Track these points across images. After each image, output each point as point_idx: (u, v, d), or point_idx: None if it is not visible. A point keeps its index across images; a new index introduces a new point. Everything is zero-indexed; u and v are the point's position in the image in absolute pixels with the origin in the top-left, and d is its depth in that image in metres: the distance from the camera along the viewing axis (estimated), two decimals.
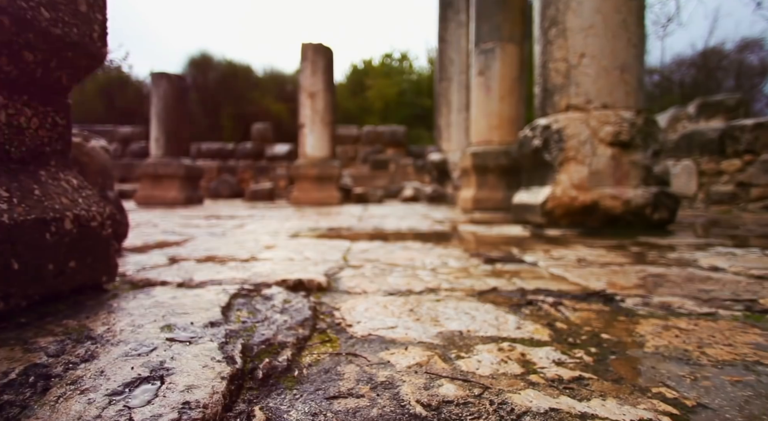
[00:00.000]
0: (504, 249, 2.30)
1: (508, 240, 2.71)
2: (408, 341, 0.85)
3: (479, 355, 0.80)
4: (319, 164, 8.25)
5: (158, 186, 8.11)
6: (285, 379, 0.68)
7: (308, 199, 8.18)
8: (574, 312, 1.12)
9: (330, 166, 8.30)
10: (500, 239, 2.79)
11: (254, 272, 1.44)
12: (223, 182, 12.02)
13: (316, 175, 8.22)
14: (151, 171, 8.07)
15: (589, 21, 3.15)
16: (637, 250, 2.25)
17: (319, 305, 1.10)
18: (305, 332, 0.88)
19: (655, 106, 13.68)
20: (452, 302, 1.15)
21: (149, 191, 8.11)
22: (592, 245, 2.42)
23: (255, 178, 12.58)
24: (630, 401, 0.64)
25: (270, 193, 10.79)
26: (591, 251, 2.19)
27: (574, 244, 2.49)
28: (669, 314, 1.10)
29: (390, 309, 1.06)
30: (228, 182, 12.03)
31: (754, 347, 0.87)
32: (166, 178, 8.10)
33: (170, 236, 2.65)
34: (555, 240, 2.69)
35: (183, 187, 8.19)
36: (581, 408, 0.60)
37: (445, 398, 0.62)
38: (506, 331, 0.95)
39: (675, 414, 0.61)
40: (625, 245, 2.45)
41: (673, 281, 1.45)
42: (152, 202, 7.93)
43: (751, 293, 1.24)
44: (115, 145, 12.94)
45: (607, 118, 3.13)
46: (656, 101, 15.20)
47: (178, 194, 8.04)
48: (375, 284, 1.36)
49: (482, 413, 0.58)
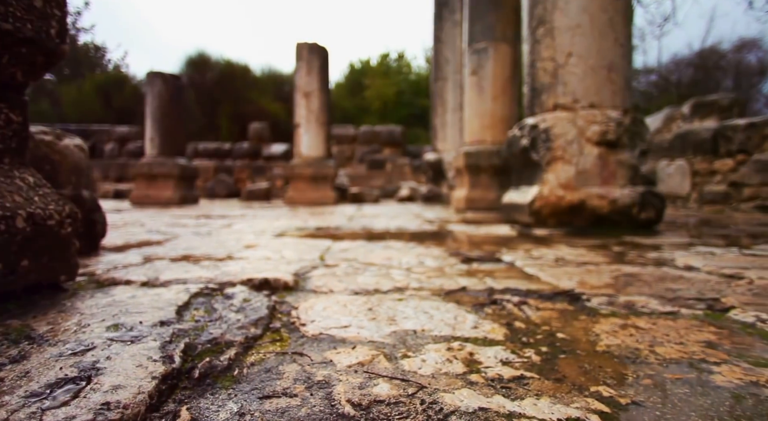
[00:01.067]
0: (486, 249, 2.30)
1: (493, 240, 2.71)
2: (358, 340, 0.85)
3: (426, 354, 0.79)
4: (314, 164, 8.25)
5: (153, 186, 8.11)
6: (223, 378, 0.68)
7: (303, 199, 8.17)
8: (536, 311, 1.12)
9: (325, 166, 8.30)
10: (486, 238, 2.79)
11: (224, 271, 1.44)
12: (219, 182, 12.01)
13: (311, 175, 8.21)
14: (146, 171, 8.07)
15: (576, 20, 3.15)
16: (619, 249, 2.25)
17: (280, 304, 1.10)
18: (257, 331, 0.88)
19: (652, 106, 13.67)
20: (414, 302, 1.14)
21: (144, 191, 8.11)
22: (575, 245, 2.42)
23: (252, 178, 12.58)
24: (564, 400, 0.64)
25: (266, 192, 10.78)
26: (572, 251, 2.19)
27: (557, 243, 2.49)
28: (631, 313, 1.10)
29: (349, 308, 1.05)
30: (225, 182, 12.02)
31: (704, 345, 0.87)
32: (161, 177, 8.10)
33: (154, 235, 2.65)
34: (540, 240, 2.69)
35: (178, 187, 8.19)
36: (511, 408, 0.60)
37: (377, 398, 0.62)
38: (462, 330, 0.94)
39: (606, 412, 0.61)
40: (609, 244, 2.45)
41: (644, 281, 1.45)
42: (147, 202, 7.93)
43: (715, 292, 1.24)
44: (112, 145, 12.93)
45: (594, 117, 3.13)
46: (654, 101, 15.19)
47: (173, 194, 8.04)
48: (343, 283, 1.36)
49: (411, 413, 0.58)
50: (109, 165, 12.23)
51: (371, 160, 13.08)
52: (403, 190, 10.46)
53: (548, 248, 2.27)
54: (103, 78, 17.70)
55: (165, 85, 8.22)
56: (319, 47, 8.35)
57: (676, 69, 15.66)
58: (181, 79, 8.61)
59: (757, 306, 1.07)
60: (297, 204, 8.00)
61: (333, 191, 8.43)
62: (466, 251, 2.20)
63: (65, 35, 0.99)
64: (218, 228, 3.24)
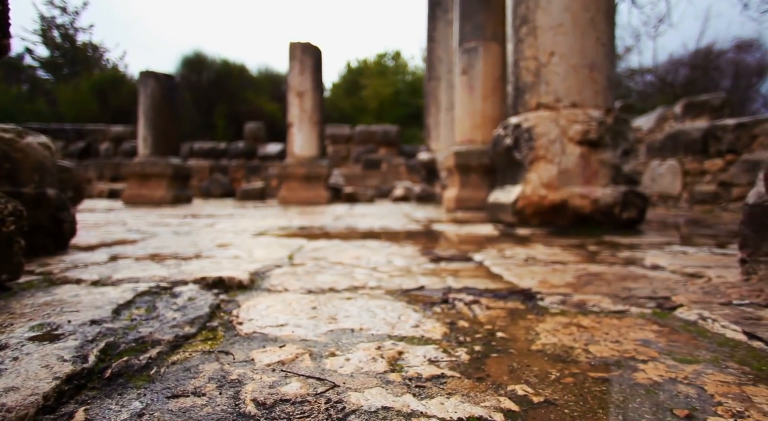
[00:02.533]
0: (462, 248, 2.29)
1: (472, 239, 2.70)
2: (290, 339, 0.85)
3: (353, 353, 0.79)
4: (307, 164, 8.24)
5: (145, 185, 8.10)
6: (138, 378, 0.67)
7: (296, 198, 8.17)
8: (486, 310, 1.11)
9: (318, 166, 8.29)
10: (466, 238, 2.78)
11: (183, 269, 1.43)
12: (214, 182, 12.00)
13: (303, 175, 8.21)
14: (138, 170, 8.06)
15: (558, 19, 3.14)
16: (594, 249, 2.25)
17: (227, 302, 1.09)
18: (192, 329, 0.88)
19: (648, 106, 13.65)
20: (363, 301, 1.14)
21: (137, 190, 8.10)
22: (551, 244, 2.41)
23: (247, 177, 12.57)
24: (476, 399, 0.63)
25: (261, 192, 10.77)
26: (547, 250, 2.18)
27: (535, 243, 2.48)
28: (579, 312, 1.09)
29: (293, 307, 1.05)
30: (219, 182, 12.02)
31: (640, 344, 0.87)
32: (154, 177, 8.09)
33: (133, 234, 2.64)
34: (520, 239, 2.69)
35: (171, 187, 8.18)
36: (415, 406, 0.60)
37: (284, 397, 0.61)
38: (401, 329, 0.94)
39: (513, 411, 0.60)
40: (586, 243, 2.44)
41: (605, 280, 1.44)
42: (139, 202, 7.92)
43: (669, 291, 1.24)
44: (107, 145, 12.93)
45: (576, 116, 3.13)
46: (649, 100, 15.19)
47: (166, 193, 8.04)
48: (301, 282, 1.35)
49: (313, 412, 0.58)
50: (104, 164, 12.22)
51: (367, 160, 13.08)
52: (397, 190, 10.46)
53: (524, 248, 2.27)
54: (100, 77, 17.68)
55: (158, 85, 8.21)
56: (312, 47, 8.35)
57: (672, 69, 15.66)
58: (174, 78, 8.60)
59: (703, 304, 1.07)
60: (290, 204, 7.99)
61: (326, 191, 8.42)
62: (440, 250, 2.20)
63: (7, 29, 0.99)
64: (200, 227, 3.23)
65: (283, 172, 8.30)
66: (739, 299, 1.10)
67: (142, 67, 8.52)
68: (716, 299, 1.11)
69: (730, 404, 0.63)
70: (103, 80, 17.23)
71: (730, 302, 1.08)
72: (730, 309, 1.02)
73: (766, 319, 0.94)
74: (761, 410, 0.61)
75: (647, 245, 2.38)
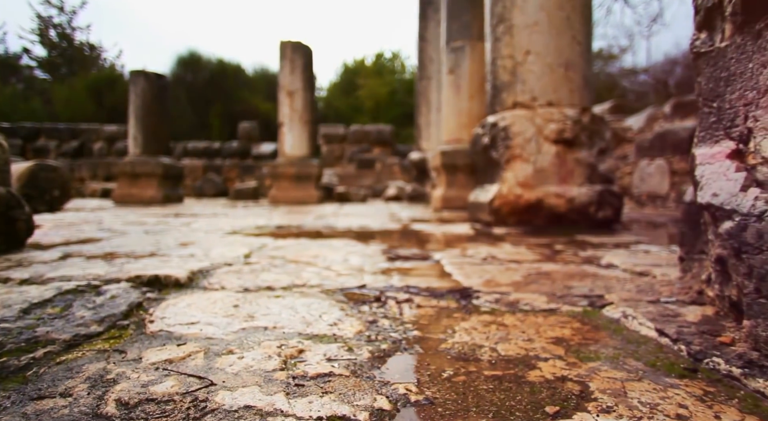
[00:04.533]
0: (429, 247, 2.29)
1: (443, 238, 2.69)
2: (194, 337, 0.84)
3: (251, 352, 0.78)
4: (297, 163, 8.23)
5: (136, 184, 8.09)
6: (11, 379, 0.66)
7: (286, 198, 8.15)
8: (416, 309, 1.10)
9: (309, 165, 8.28)
10: (439, 237, 2.77)
11: (127, 267, 1.42)
12: (208, 181, 11.99)
13: (294, 174, 8.19)
14: (128, 169, 8.05)
15: (534, 18, 3.13)
16: (561, 247, 2.24)
17: (153, 300, 1.08)
18: (99, 328, 0.87)
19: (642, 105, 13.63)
20: (293, 299, 1.13)
21: (127, 190, 8.09)
22: (520, 243, 2.40)
23: (240, 177, 12.56)
24: (349, 398, 0.62)
25: (254, 192, 10.76)
26: (512, 249, 2.17)
27: (504, 242, 2.47)
28: (509, 310, 1.08)
29: (217, 305, 1.04)
30: (213, 181, 12.00)
31: (552, 342, 0.86)
32: (144, 176, 8.08)
33: (102, 233, 2.63)
34: (492, 238, 2.68)
35: (161, 186, 8.17)
36: (280, 405, 0.59)
37: (151, 397, 0.60)
38: (316, 328, 0.93)
39: (384, 410, 0.59)
40: (555, 242, 2.43)
41: (552, 278, 1.43)
42: (130, 201, 7.91)
43: (606, 289, 1.23)
44: (101, 144, 12.91)
45: (551, 115, 3.11)
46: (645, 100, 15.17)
47: (156, 193, 8.02)
48: (242, 280, 1.34)
49: (173, 412, 0.57)
50: (98, 164, 12.21)
51: (360, 159, 13.06)
52: (390, 190, 10.44)
53: (490, 247, 2.26)
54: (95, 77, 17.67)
55: (148, 84, 8.20)
56: (303, 46, 8.33)
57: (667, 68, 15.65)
58: (165, 78, 8.59)
59: (632, 302, 1.06)
60: (280, 203, 7.98)
61: (317, 190, 8.41)
62: (404, 249, 2.19)
63: None
64: (175, 226, 3.22)
65: (274, 171, 8.29)
66: (668, 296, 1.09)
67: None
68: (646, 297, 1.10)
69: (603, 400, 0.62)
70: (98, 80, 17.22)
71: (658, 300, 1.07)
72: (654, 306, 1.01)
73: (683, 315, 0.93)
74: (630, 405, 0.60)
75: (615, 244, 2.37)
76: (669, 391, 0.65)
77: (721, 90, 0.87)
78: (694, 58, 0.96)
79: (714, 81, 0.89)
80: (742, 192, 0.75)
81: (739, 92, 0.82)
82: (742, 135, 0.81)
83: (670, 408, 0.60)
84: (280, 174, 8.21)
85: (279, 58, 8.36)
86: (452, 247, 2.28)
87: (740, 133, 0.81)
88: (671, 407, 0.60)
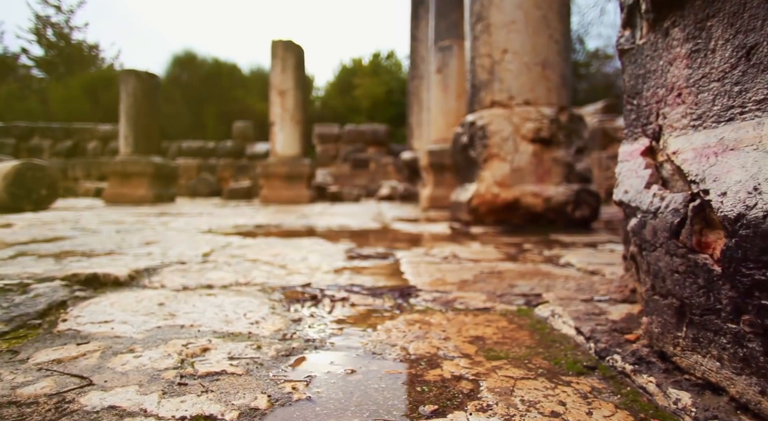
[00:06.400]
0: (396, 246, 2.27)
1: (415, 238, 2.68)
2: (102, 336, 0.83)
3: (153, 350, 0.77)
4: (288, 163, 8.22)
5: (127, 184, 8.07)
6: None
7: (278, 197, 8.14)
8: (349, 308, 1.09)
9: (300, 165, 8.27)
10: (413, 236, 2.76)
11: (70, 266, 1.41)
12: (201, 181, 11.98)
13: (285, 174, 8.18)
14: (119, 169, 8.04)
15: (511, 16, 3.12)
16: (529, 247, 2.23)
17: (82, 299, 1.07)
18: (5, 328, 0.86)
19: None
20: (225, 297, 1.12)
21: (118, 189, 8.08)
22: (490, 243, 2.39)
23: (235, 176, 12.56)
24: (226, 397, 0.61)
25: (248, 191, 10.75)
26: (480, 248, 2.16)
27: (475, 241, 2.46)
28: (441, 309, 1.07)
29: (143, 304, 1.03)
30: (207, 181, 11.99)
31: (468, 341, 0.85)
32: (135, 176, 8.07)
33: (73, 232, 2.62)
34: (466, 237, 2.67)
35: (152, 186, 8.15)
36: (147, 406, 0.57)
37: (15, 399, 0.59)
38: (234, 326, 0.92)
39: (258, 409, 0.58)
40: (525, 242, 2.42)
41: (502, 277, 1.42)
42: (120, 201, 7.90)
43: (546, 288, 1.22)
44: (95, 143, 12.90)
45: (529, 114, 3.10)
46: None
47: (147, 192, 8.01)
48: (186, 279, 1.33)
49: (32, 415, 0.55)
50: (92, 163, 12.21)
51: (355, 159, 13.05)
52: (383, 190, 10.43)
53: (458, 246, 2.25)
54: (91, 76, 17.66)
55: (140, 83, 8.19)
56: (294, 45, 8.32)
57: None
58: (156, 77, 8.58)
59: (566, 300, 1.05)
60: (271, 203, 7.97)
61: (308, 190, 8.40)
62: (369, 248, 2.18)
63: None
64: (152, 225, 3.21)
65: (265, 171, 8.28)
66: (603, 294, 1.08)
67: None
68: (582, 296, 1.09)
69: (487, 399, 0.61)
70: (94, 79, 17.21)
71: (591, 298, 1.06)
72: (585, 305, 1.00)
73: (608, 314, 0.92)
74: (510, 403, 0.59)
75: (586, 243, 2.36)
76: (558, 389, 0.64)
77: (640, 87, 0.86)
78: (619, 56, 0.95)
79: (634, 78, 0.88)
80: (646, 189, 0.74)
81: (652, 90, 0.81)
82: (655, 132, 0.80)
83: (548, 406, 0.59)
84: (271, 173, 8.20)
85: (270, 57, 8.34)
86: (420, 246, 2.27)
87: (653, 130, 0.80)
88: (550, 404, 0.59)
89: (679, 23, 0.74)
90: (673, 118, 0.75)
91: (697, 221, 0.60)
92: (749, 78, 0.59)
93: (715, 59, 0.65)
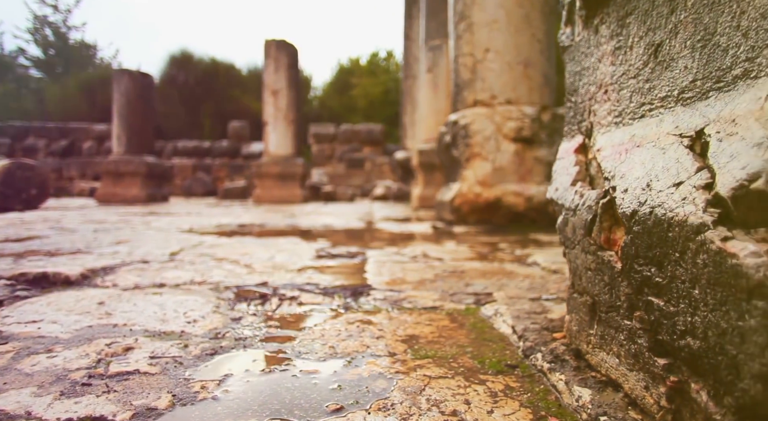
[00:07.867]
0: (371, 245, 2.26)
1: (392, 237, 2.67)
2: (25, 336, 0.82)
3: (73, 350, 0.76)
4: (281, 162, 8.20)
5: (119, 183, 8.06)
6: None
7: (270, 197, 8.13)
8: (296, 307, 1.08)
9: (293, 164, 8.26)
10: (392, 236, 2.75)
11: (24, 265, 1.40)
12: (197, 180, 11.97)
13: (278, 174, 8.17)
14: (112, 168, 8.02)
15: (493, 15, 3.11)
16: (504, 246, 2.21)
17: (19, 299, 1.06)
18: None
19: None
20: (170, 295, 1.11)
21: (111, 189, 8.06)
22: (465, 242, 2.38)
23: (230, 176, 12.54)
24: (125, 398, 0.60)
25: (243, 191, 10.73)
26: (453, 248, 2.15)
27: (452, 241, 2.45)
28: (388, 308, 1.06)
29: (82, 303, 1.02)
30: (202, 180, 11.98)
31: (401, 340, 0.83)
32: (128, 175, 8.05)
33: (49, 231, 2.61)
34: (446, 236, 2.66)
35: (145, 185, 8.14)
36: (36, 409, 0.56)
37: None
38: (169, 325, 0.91)
39: (155, 409, 0.57)
40: (502, 241, 2.41)
41: (461, 277, 1.41)
42: (114, 200, 7.88)
43: (500, 287, 1.21)
44: (91, 143, 12.89)
45: (510, 113, 3.09)
46: None
47: (140, 192, 8.00)
48: (141, 278, 1.32)
49: None
50: (87, 163, 12.20)
51: (350, 158, 13.04)
52: (378, 189, 10.42)
53: (433, 245, 2.24)
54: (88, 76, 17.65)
55: (133, 83, 8.18)
56: (287, 44, 8.31)
57: None
58: (150, 76, 8.57)
59: (513, 299, 1.04)
60: (264, 202, 7.95)
61: (301, 190, 8.39)
62: (344, 247, 2.17)
63: None
64: (133, 225, 3.20)
65: (259, 170, 8.27)
66: (552, 293, 1.07)
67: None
68: (531, 294, 1.08)
69: (392, 398, 0.60)
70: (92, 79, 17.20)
71: (539, 297, 1.04)
72: (531, 304, 0.99)
73: (550, 312, 0.91)
74: (414, 402, 0.58)
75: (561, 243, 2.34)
76: (470, 388, 0.63)
77: (576, 84, 0.85)
78: (562, 53, 0.94)
79: (572, 75, 0.87)
80: (571, 186, 0.73)
81: (586, 87, 0.80)
82: (588, 129, 0.79)
83: (452, 405, 0.57)
84: (264, 173, 8.18)
85: (263, 56, 8.34)
86: (394, 245, 2.25)
87: (586, 127, 0.79)
88: (454, 403, 0.58)
89: (606, 20, 0.73)
90: (601, 115, 0.74)
91: (605, 217, 0.59)
92: (656, 75, 0.58)
93: (632, 57, 0.65)
